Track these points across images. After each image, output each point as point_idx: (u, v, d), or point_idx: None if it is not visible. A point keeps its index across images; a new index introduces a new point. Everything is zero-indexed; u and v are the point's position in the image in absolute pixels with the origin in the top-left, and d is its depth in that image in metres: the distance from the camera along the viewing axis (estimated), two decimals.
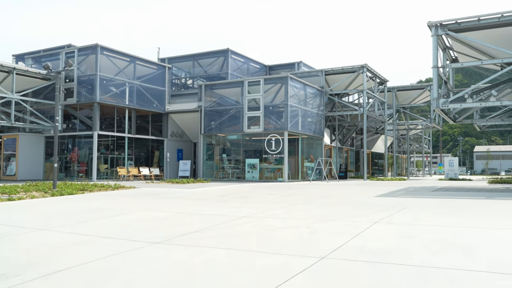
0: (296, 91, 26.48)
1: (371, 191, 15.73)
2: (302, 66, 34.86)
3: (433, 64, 15.21)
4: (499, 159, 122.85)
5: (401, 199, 12.27)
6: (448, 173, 34.82)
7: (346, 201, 11.79)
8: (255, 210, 9.56)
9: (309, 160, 28.44)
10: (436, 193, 14.52)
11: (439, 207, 9.95)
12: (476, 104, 14.73)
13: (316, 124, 28.89)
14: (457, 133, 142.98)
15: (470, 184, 21.81)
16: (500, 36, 15.09)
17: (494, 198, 12.18)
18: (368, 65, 28.97)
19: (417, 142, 56.83)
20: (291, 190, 16.92)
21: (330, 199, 12.55)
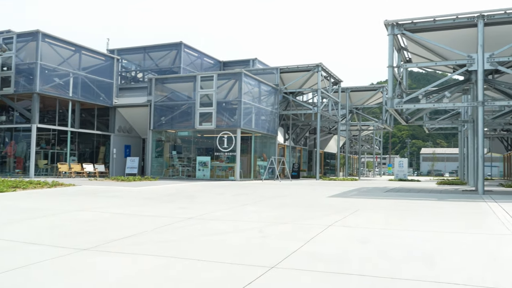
0: (250, 88, 25.96)
1: (324, 191, 15.46)
2: (257, 63, 34.43)
3: (388, 63, 15.11)
4: (444, 161, 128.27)
5: (354, 200, 11.99)
6: (398, 174, 35.54)
7: (298, 202, 11.36)
8: (202, 212, 8.91)
9: (262, 158, 28.03)
10: (388, 194, 14.41)
11: (393, 209, 9.70)
12: (429, 105, 14.78)
13: (270, 122, 28.52)
14: (405, 135, 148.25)
15: (420, 185, 22.13)
16: (454, 38, 15.22)
17: (445, 199, 12.14)
18: (323, 64, 28.94)
19: (368, 143, 58.02)
20: (242, 189, 16.36)
21: (283, 199, 12.08)
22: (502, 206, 10.18)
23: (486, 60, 13.99)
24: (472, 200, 11.81)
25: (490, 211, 9.18)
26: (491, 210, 9.44)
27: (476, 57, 14.12)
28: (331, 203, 10.98)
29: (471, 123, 19.71)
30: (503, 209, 9.42)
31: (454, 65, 16.52)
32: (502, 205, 10.43)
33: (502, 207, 9.86)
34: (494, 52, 13.94)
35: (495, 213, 8.79)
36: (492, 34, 14.56)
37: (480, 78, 14.03)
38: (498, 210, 9.30)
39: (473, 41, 15.44)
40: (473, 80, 16.79)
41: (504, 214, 8.66)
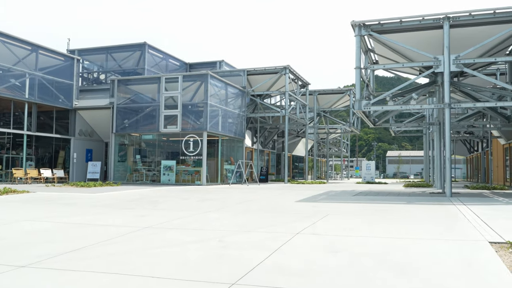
0: (216, 90, 25.44)
1: (292, 196, 15.10)
2: (224, 65, 33.93)
3: (355, 65, 14.93)
4: (409, 163, 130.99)
5: (323, 204, 11.67)
6: (365, 177, 35.70)
7: (266, 207, 10.93)
8: (163, 219, 8.34)
9: (230, 162, 27.52)
10: (357, 197, 14.19)
11: (362, 214, 9.40)
12: (396, 107, 14.69)
13: (237, 125, 28.06)
14: (371, 138, 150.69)
15: (387, 188, 22.13)
16: (421, 40, 15.20)
17: (414, 203, 11.98)
18: (291, 66, 28.73)
19: (336, 146, 58.38)
20: (208, 194, 15.81)
21: (249, 204, 11.63)
22: (471, 208, 10.05)
23: (452, 62, 14.00)
24: (441, 203, 11.69)
25: (460, 215, 9.00)
26: (461, 213, 9.27)
27: (442, 59, 14.10)
28: (300, 208, 10.60)
29: (437, 125, 19.85)
30: (472, 212, 9.27)
31: (420, 67, 16.53)
32: (471, 207, 10.31)
33: (472, 210, 9.72)
34: (460, 54, 13.96)
35: (465, 217, 8.61)
36: (458, 36, 14.60)
37: (446, 80, 14.03)
38: (468, 213, 9.14)
39: (439, 43, 15.46)
40: (439, 83, 16.85)
41: (474, 217, 8.49)
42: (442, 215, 9.09)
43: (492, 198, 13.51)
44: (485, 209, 9.99)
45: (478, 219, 8.16)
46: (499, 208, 10.33)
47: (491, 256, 5.16)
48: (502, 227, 7.11)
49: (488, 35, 14.34)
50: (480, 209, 10.04)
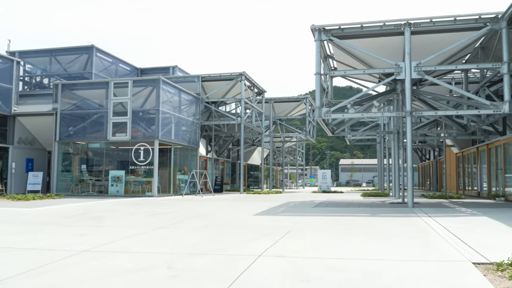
0: (169, 97, 24.32)
1: (250, 208, 14.29)
2: (177, 71, 32.79)
3: (315, 70, 14.40)
4: (361, 171, 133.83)
5: (283, 218, 10.92)
6: (321, 186, 35.51)
7: (222, 222, 10.04)
8: (106, 239, 7.28)
9: (183, 172, 26.38)
10: (318, 209, 13.57)
11: (327, 229, 8.71)
12: (357, 115, 14.27)
13: (191, 133, 27.00)
14: (324, 147, 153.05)
15: (346, 198, 21.78)
16: (382, 46, 14.92)
17: (378, 215, 11.47)
18: (247, 73, 28.07)
19: (291, 154, 58.29)
20: (159, 207, 14.71)
21: (204, 219, 10.69)
22: (438, 221, 9.62)
23: (413, 69, 13.74)
24: (406, 215, 11.25)
25: (429, 228, 8.50)
26: (429, 226, 8.79)
27: (403, 65, 13.83)
28: (259, 222, 9.79)
29: (395, 134, 19.73)
30: (441, 225, 8.81)
31: (380, 75, 16.27)
32: (437, 220, 9.89)
33: (439, 223, 9.28)
34: (421, 61, 13.74)
35: (436, 231, 8.11)
36: (418, 44, 14.41)
37: (407, 87, 13.75)
38: (436, 227, 8.67)
39: (400, 50, 15.25)
40: (398, 90, 16.66)
41: (445, 231, 8.00)
42: (411, 229, 8.55)
43: (454, 209, 13.28)
44: (452, 222, 9.58)
45: (450, 234, 7.67)
46: (466, 221, 9.97)
47: (480, 281, 4.55)
48: (479, 244, 6.60)
49: (448, 42, 14.23)
50: (447, 221, 9.62)
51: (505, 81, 13.23)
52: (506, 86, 13.20)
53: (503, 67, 13.23)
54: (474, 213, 11.56)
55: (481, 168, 22.57)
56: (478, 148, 22.83)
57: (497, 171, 19.73)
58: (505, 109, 13.19)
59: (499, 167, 19.47)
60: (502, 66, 13.26)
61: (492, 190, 20.82)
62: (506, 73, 13.19)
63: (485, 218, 10.30)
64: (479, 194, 22.80)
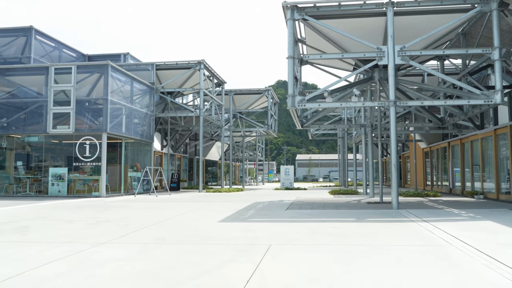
0: (120, 85, 21.88)
1: (213, 211, 12.38)
2: (129, 58, 30.16)
3: (288, 53, 12.63)
4: (318, 166, 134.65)
5: (256, 225, 9.09)
6: (284, 182, 34.04)
7: (181, 233, 8.07)
8: (22, 266, 5.18)
9: (135, 169, 24.01)
10: (292, 212, 11.83)
11: (316, 243, 6.95)
12: (335, 105, 12.65)
13: (145, 126, 24.64)
14: (280, 142, 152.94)
15: (314, 196, 20.24)
16: (361, 28, 13.34)
17: (366, 219, 9.86)
18: (206, 61, 25.98)
19: (250, 149, 56.63)
20: (105, 211, 12.51)
21: (159, 229, 8.68)
22: (442, 228, 8.09)
23: (397, 53, 12.24)
24: (398, 220, 9.69)
25: (440, 241, 6.92)
26: (437, 237, 7.22)
27: (386, 49, 12.29)
28: (229, 233, 7.91)
29: (369, 127, 18.33)
30: (450, 235, 7.26)
31: (358, 61, 14.73)
32: (439, 226, 8.36)
33: (445, 231, 7.74)
34: (405, 45, 12.25)
35: (451, 244, 6.53)
36: (400, 27, 12.93)
37: (391, 74, 12.23)
38: (447, 237, 7.11)
39: (381, 33, 13.75)
40: (376, 79, 15.18)
41: (463, 245, 6.43)
42: (419, 241, 6.94)
43: (443, 210, 11.91)
44: (458, 229, 8.08)
45: (470, 248, 6.11)
46: (472, 227, 8.50)
47: None
48: None
49: (433, 26, 12.85)
50: (452, 228, 8.11)
51: (496, 68, 11.98)
52: (497, 73, 11.95)
53: (494, 53, 11.97)
54: (472, 216, 10.18)
55: (454, 164, 21.68)
56: (450, 143, 21.91)
57: (473, 167, 18.80)
58: (497, 99, 11.94)
59: (475, 162, 18.52)
60: (493, 52, 11.98)
61: (466, 187, 19.91)
62: (497, 59, 11.92)
63: (492, 224, 8.89)
64: (451, 191, 21.91)
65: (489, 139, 16.87)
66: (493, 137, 16.19)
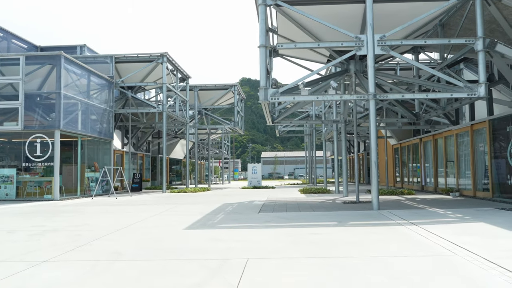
0: (75, 78, 20.26)
1: (178, 215, 11.23)
2: (86, 50, 28.34)
3: (260, 42, 11.61)
4: (283, 164, 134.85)
5: (227, 233, 8.03)
6: (252, 181, 33.09)
7: (141, 245, 6.92)
8: None
9: (93, 169, 22.42)
10: (266, 216, 10.84)
11: (300, 255, 5.98)
12: (311, 98, 11.72)
13: (103, 123, 23.07)
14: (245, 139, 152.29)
15: (285, 196, 19.34)
16: (337, 16, 12.45)
17: (348, 224, 8.99)
18: (169, 54, 24.62)
19: (216, 147, 55.40)
20: (55, 218, 11.14)
21: (115, 240, 7.50)
22: (435, 232, 7.29)
23: (376, 43, 11.44)
24: (383, 223, 8.85)
25: (442, 250, 6.08)
26: (436, 244, 6.39)
27: (365, 39, 11.47)
28: (197, 243, 6.82)
29: (343, 123, 17.58)
30: (450, 242, 6.45)
31: (331, 51, 13.90)
32: (430, 230, 7.57)
33: (440, 236, 6.94)
34: (386, 34, 11.47)
35: (455, 253, 5.70)
36: (380, 14, 12.14)
37: (370, 65, 11.42)
38: (447, 245, 6.29)
39: (358, 22, 12.95)
40: (351, 72, 14.39)
41: (470, 255, 5.61)
42: (415, 250, 6.07)
43: (427, 210, 11.21)
44: (453, 233, 7.31)
45: (478, 258, 5.30)
46: (468, 230, 7.74)
47: None
48: None
49: (412, 14, 12.14)
50: (445, 232, 7.33)
51: (479, 59, 11.38)
52: (481, 65, 11.34)
53: (478, 43, 11.36)
54: (461, 217, 9.48)
55: (426, 160, 21.28)
56: (422, 139, 21.51)
57: (447, 164, 18.38)
58: (481, 92, 11.34)
59: (450, 159, 18.10)
60: (476, 42, 11.37)
61: (440, 184, 19.52)
62: (481, 49, 11.32)
63: (486, 226, 8.19)
64: (423, 188, 21.53)
65: (465, 134, 16.43)
66: (469, 133, 15.74)
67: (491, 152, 14.28)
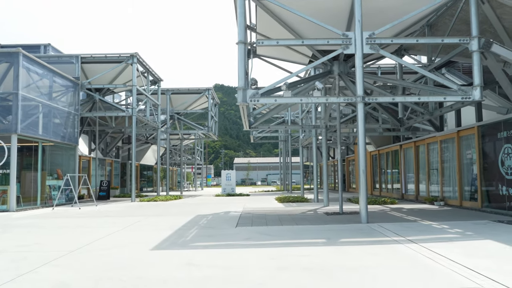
0: (36, 79, 18.63)
1: (146, 230, 9.90)
2: (50, 50, 26.58)
3: (239, 38, 10.45)
4: (256, 170, 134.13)
5: (201, 256, 6.79)
6: (225, 188, 31.80)
7: (94, 274, 5.60)
8: None
9: (56, 176, 20.72)
10: (245, 232, 9.64)
11: (294, 284, 4.81)
12: (295, 100, 10.60)
13: (68, 127, 21.40)
14: (218, 145, 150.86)
15: (263, 205, 18.16)
16: (323, 11, 11.41)
17: (338, 241, 7.87)
18: (140, 55, 23.19)
19: (189, 153, 53.85)
20: (2, 235, 9.62)
21: (64, 265, 6.16)
22: (444, 254, 6.25)
23: (365, 41, 10.45)
24: (379, 241, 7.77)
25: (465, 280, 5.02)
26: (453, 271, 5.33)
27: (353, 36, 10.46)
28: (166, 271, 5.55)
29: (323, 128, 16.58)
30: (472, 270, 5.40)
31: (314, 50, 12.86)
32: (437, 250, 6.52)
33: (454, 260, 5.89)
34: (375, 32, 10.50)
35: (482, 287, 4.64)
36: (366, 11, 11.17)
37: (358, 65, 10.41)
38: (469, 274, 5.24)
39: (343, 19, 11.95)
40: (335, 73, 13.39)
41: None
42: (434, 281, 4.99)
43: (420, 223, 10.22)
44: (465, 254, 6.29)
45: None
46: (481, 251, 6.73)
47: None
48: None
49: (402, 12, 11.22)
50: (456, 254, 6.31)
51: (474, 60, 10.52)
52: (475, 67, 10.49)
53: (472, 43, 10.51)
54: (462, 233, 8.50)
55: (406, 168, 20.50)
56: (402, 145, 20.74)
57: (430, 171, 17.59)
58: (476, 95, 10.48)
59: (433, 166, 17.32)
60: (471, 42, 10.52)
61: (421, 191, 18.74)
62: (475, 50, 10.47)
63: (496, 245, 7.22)
64: (403, 196, 20.73)
65: (450, 141, 15.66)
66: (456, 139, 14.96)
67: (480, 160, 13.50)
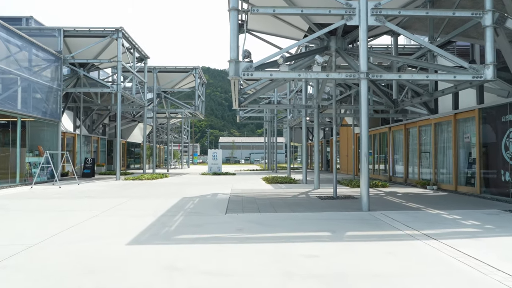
0: (14, 51, 16.68)
1: (125, 215, 8.41)
2: (33, 23, 24.34)
3: (231, 4, 8.86)
4: (240, 149, 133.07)
5: (186, 254, 5.35)
6: (212, 167, 30.34)
7: (52, 281, 4.12)
8: None
9: (37, 153, 18.95)
10: (236, 219, 8.23)
11: None
12: (293, 75, 9.10)
13: (50, 102, 19.52)
14: (204, 125, 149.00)
15: (252, 187, 16.78)
16: None
17: (346, 236, 6.53)
18: (125, 29, 21.24)
19: (176, 132, 52.06)
20: None
21: (19, 265, 4.67)
22: (479, 257, 4.95)
23: (370, 12, 8.96)
24: (392, 236, 6.44)
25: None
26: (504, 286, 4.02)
27: (357, 5, 8.96)
28: (143, 277, 4.11)
29: (316, 108, 15.15)
30: None
31: (311, 24, 11.31)
32: (466, 250, 5.22)
33: (495, 267, 4.59)
34: (381, 2, 9.00)
35: None
36: None
37: (363, 38, 8.94)
38: None
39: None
40: (332, 49, 11.88)
41: None
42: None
43: (429, 213, 8.92)
44: (501, 257, 4.99)
45: None
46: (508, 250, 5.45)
47: None
48: None
49: None
50: (491, 256, 5.01)
51: (487, 36, 9.14)
52: (488, 43, 9.12)
53: (486, 17, 9.11)
54: (479, 225, 7.22)
55: (395, 150, 19.29)
56: (391, 128, 19.48)
57: (422, 155, 16.38)
58: (487, 75, 9.14)
59: (425, 150, 16.09)
60: (484, 16, 9.13)
61: (410, 174, 17.58)
62: (489, 25, 9.09)
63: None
64: (391, 179, 19.57)
65: (445, 124, 14.41)
66: (452, 122, 13.70)
67: (480, 144, 12.27)
